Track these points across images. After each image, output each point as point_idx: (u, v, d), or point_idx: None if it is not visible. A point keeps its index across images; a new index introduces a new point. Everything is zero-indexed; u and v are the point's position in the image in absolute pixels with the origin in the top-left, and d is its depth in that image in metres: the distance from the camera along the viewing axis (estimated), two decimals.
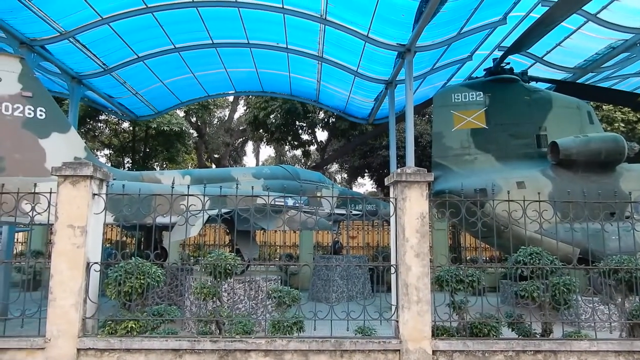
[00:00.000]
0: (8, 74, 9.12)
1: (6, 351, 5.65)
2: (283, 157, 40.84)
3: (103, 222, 6.41)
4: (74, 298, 5.75)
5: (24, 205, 6.54)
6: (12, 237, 11.75)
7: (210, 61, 15.89)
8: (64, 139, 9.65)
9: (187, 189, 6.35)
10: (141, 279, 6.00)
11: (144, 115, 19.69)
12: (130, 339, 5.75)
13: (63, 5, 11.08)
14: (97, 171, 6.15)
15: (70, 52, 12.97)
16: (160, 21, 12.89)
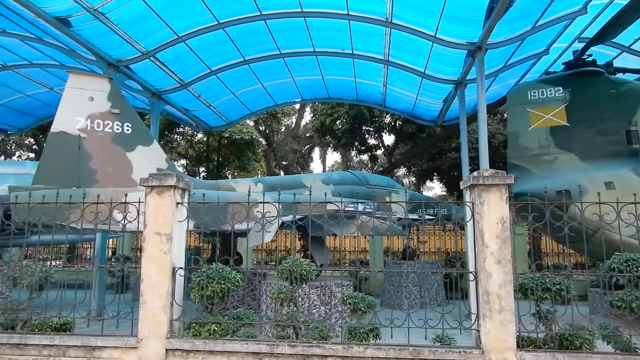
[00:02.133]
0: (99, 94, 9.94)
1: (104, 349, 6.13)
2: (350, 162, 40.90)
3: (186, 229, 6.77)
4: (162, 301, 6.12)
5: (116, 214, 7.06)
6: (105, 243, 12.77)
7: (278, 71, 16.33)
8: (148, 151, 10.34)
9: (263, 197, 6.54)
10: (222, 283, 6.26)
11: (217, 126, 20.63)
12: (214, 341, 6.01)
13: (144, 27, 11.91)
14: (180, 181, 6.52)
15: (151, 70, 13.90)
16: (231, 36, 13.46)
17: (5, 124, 21.06)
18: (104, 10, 10.64)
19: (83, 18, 10.75)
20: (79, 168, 9.39)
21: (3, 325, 6.69)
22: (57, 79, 16.97)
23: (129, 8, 10.90)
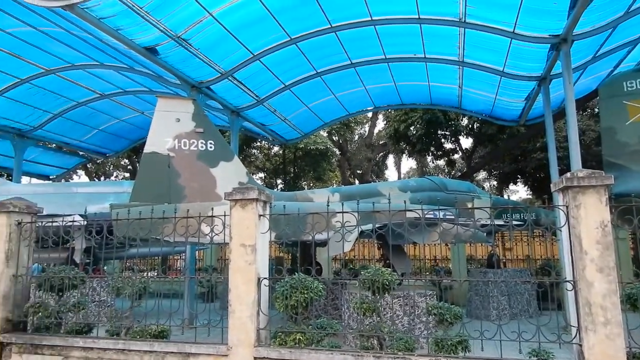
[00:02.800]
0: (184, 115, 10.62)
1: (198, 356, 6.47)
2: (426, 168, 39.94)
3: (268, 240, 6.98)
4: (249, 310, 6.33)
5: (204, 227, 7.45)
6: (194, 255, 13.55)
7: (350, 81, 16.44)
8: (229, 166, 10.84)
9: (342, 207, 6.57)
10: (305, 293, 6.34)
11: (292, 139, 21.17)
12: (299, 350, 6.10)
13: (222, 49, 12.59)
14: (261, 194, 6.74)
15: (229, 89, 14.63)
16: (303, 50, 13.80)
17: (104, 148, 23.22)
18: (186, 36, 11.40)
19: (168, 46, 11.60)
20: (169, 185, 10.06)
21: (109, 331, 7.30)
22: (146, 103, 18.45)
23: (208, 32, 11.59)
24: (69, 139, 20.99)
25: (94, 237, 7.58)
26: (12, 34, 12.93)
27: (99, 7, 9.64)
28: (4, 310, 7.44)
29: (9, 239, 7.63)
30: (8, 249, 7.60)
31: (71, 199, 13.19)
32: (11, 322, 7.50)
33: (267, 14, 11.55)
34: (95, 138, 21.65)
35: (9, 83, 15.55)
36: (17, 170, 18.98)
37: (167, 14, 10.49)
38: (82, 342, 6.98)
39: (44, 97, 17.01)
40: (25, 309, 7.59)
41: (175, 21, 10.84)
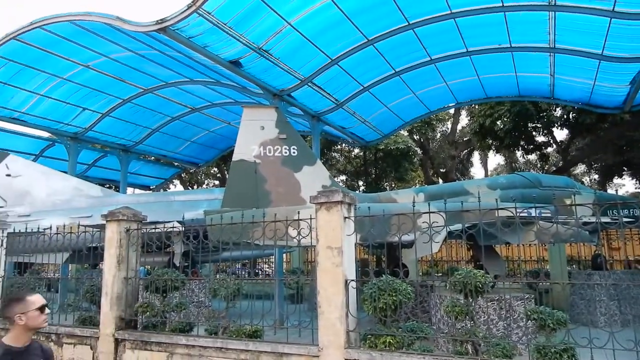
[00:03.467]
0: (268, 122, 11.01)
1: (291, 356, 6.64)
2: (515, 164, 37.64)
3: (354, 242, 6.99)
4: (338, 312, 6.38)
5: (291, 230, 7.64)
6: (282, 258, 13.99)
7: (430, 77, 16.03)
8: (312, 170, 11.03)
9: (428, 206, 6.39)
10: (393, 295, 6.25)
11: (372, 140, 21.08)
12: (390, 353, 6.02)
13: (301, 56, 12.90)
14: (346, 196, 6.77)
15: (309, 94, 14.94)
16: (380, 50, 13.71)
17: (196, 158, 24.84)
18: (267, 47, 11.85)
19: (250, 57, 12.14)
20: (257, 190, 10.48)
21: (208, 330, 7.76)
22: (232, 114, 19.43)
23: (287, 41, 11.96)
24: (166, 151, 22.75)
25: (191, 241, 8.11)
26: (115, 60, 14.33)
27: (188, 27, 10.36)
28: (117, 309, 8.21)
29: (119, 244, 8.42)
30: (119, 254, 8.39)
31: (170, 207, 14.23)
32: (124, 320, 8.25)
33: (344, 17, 11.65)
34: (188, 149, 23.24)
35: (114, 104, 17.23)
36: (123, 181, 20.94)
37: (248, 27, 10.99)
38: (185, 340, 7.49)
39: (143, 115, 18.63)
40: (135, 308, 8.31)
41: (257, 33, 11.31)
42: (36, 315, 3.07)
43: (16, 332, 3.04)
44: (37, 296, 3.15)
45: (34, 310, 3.05)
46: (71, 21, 11.94)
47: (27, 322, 3.03)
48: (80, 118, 17.41)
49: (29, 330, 3.08)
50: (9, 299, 3.20)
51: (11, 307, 3.05)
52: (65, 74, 14.84)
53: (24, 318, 3.01)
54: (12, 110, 15.85)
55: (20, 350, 3.02)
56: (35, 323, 3.08)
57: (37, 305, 3.09)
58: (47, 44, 13.15)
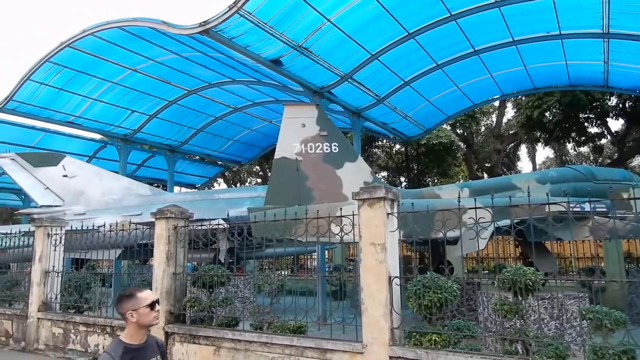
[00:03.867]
0: (309, 120, 11.05)
1: (335, 352, 6.65)
2: (565, 156, 36.02)
3: (398, 238, 6.90)
4: (382, 309, 6.32)
5: (333, 227, 7.65)
6: (324, 254, 14.04)
7: (473, 69, 15.59)
8: (354, 167, 10.99)
9: (474, 202, 6.21)
10: (438, 293, 6.12)
11: (414, 135, 20.75)
12: (436, 352, 5.91)
13: (341, 53, 12.86)
14: (389, 192, 6.69)
15: (349, 91, 14.87)
16: (421, 43, 13.45)
17: (239, 157, 25.34)
18: (307, 45, 11.88)
19: (291, 56, 12.21)
20: (299, 187, 10.55)
21: (253, 325, 7.89)
22: (273, 112, 19.67)
23: (327, 38, 11.94)
24: (210, 150, 23.34)
25: (235, 238, 8.28)
26: (161, 62, 14.82)
27: (229, 28, 10.55)
28: (167, 304, 8.50)
29: (168, 241, 8.71)
30: (168, 250, 8.68)
31: (214, 205, 14.59)
32: (173, 314, 8.54)
33: (383, 11, 11.50)
34: (231, 148, 23.74)
35: (161, 105, 17.84)
36: (170, 181, 21.66)
37: (288, 25, 11.06)
38: (231, 335, 7.66)
39: (188, 115, 19.18)
40: (183, 303, 8.58)
41: (296, 31, 11.37)
42: (147, 312, 2.98)
43: (130, 329, 3.00)
44: (147, 292, 3.08)
45: (145, 307, 2.98)
46: (120, 27, 12.44)
47: (138, 319, 2.96)
48: (129, 120, 18.15)
49: (142, 327, 3.01)
50: (120, 295, 3.08)
51: (122, 303, 3.01)
52: (114, 78, 15.50)
53: (135, 315, 2.95)
54: (67, 114, 16.72)
55: (138, 348, 2.99)
56: (147, 320, 3.00)
57: (148, 301, 3.00)
58: (98, 50, 13.77)
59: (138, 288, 3.11)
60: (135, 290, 3.09)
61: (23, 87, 14.63)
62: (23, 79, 14.38)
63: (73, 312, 10.16)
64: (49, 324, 10.28)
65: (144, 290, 3.10)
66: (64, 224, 11.13)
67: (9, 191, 25.78)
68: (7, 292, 11.86)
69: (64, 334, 9.95)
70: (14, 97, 14.86)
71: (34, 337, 10.37)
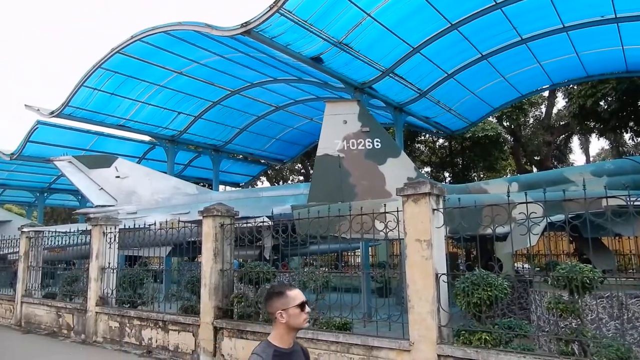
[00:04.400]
0: (351, 116, 11.02)
1: (381, 349, 6.60)
2: (622, 147, 34.00)
3: (444, 235, 6.75)
4: (429, 306, 6.21)
5: (377, 223, 7.57)
6: (367, 251, 13.95)
7: (520, 59, 15.01)
8: (397, 162, 10.86)
9: (525, 196, 5.97)
10: (488, 290, 5.94)
11: (458, 129, 20.25)
12: (486, 350, 5.74)
13: (381, 47, 12.70)
14: (434, 188, 6.55)
15: (391, 85, 14.67)
16: (465, 34, 13.07)
17: (281, 155, 25.62)
18: (347, 40, 11.82)
19: (331, 52, 12.19)
20: (341, 184, 10.54)
21: None
22: (314, 110, 19.73)
23: (367, 33, 11.83)
24: (253, 149, 23.73)
25: (280, 235, 8.37)
26: (204, 64, 15.21)
27: (270, 27, 10.66)
28: (215, 299, 8.73)
29: (215, 238, 8.93)
30: (215, 247, 8.90)
31: (258, 203, 14.85)
32: (221, 310, 8.75)
33: (425, 3, 11.27)
34: (273, 146, 24.04)
35: (205, 106, 18.31)
36: (215, 180, 22.20)
37: (328, 22, 11.04)
38: None
39: (231, 115, 19.58)
40: (231, 299, 8.78)
41: (336, 28, 11.33)
42: (297, 313, 2.64)
43: (279, 330, 2.66)
44: (297, 291, 2.74)
45: (295, 307, 2.64)
46: (165, 32, 12.85)
47: (288, 320, 2.63)
48: (176, 122, 18.74)
49: (292, 329, 2.67)
50: (269, 292, 2.79)
51: (272, 301, 2.71)
52: (161, 81, 16.05)
53: (285, 315, 2.62)
54: (119, 117, 17.47)
55: (287, 352, 2.68)
56: (297, 322, 2.65)
57: (298, 301, 2.66)
58: (145, 55, 14.29)
59: (287, 285, 2.79)
60: (285, 287, 2.77)
61: (78, 93, 15.40)
62: (77, 85, 15.14)
63: (128, 307, 10.61)
64: (106, 318, 10.80)
65: (293, 288, 2.76)
66: (117, 222, 11.65)
67: (67, 192, 27.31)
68: (67, 287, 12.55)
69: (120, 327, 10.43)
70: (69, 103, 15.67)
71: (93, 330, 10.93)
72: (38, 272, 13.64)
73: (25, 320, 13.26)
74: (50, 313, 12.49)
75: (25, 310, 13.36)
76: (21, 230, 13.98)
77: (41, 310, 12.84)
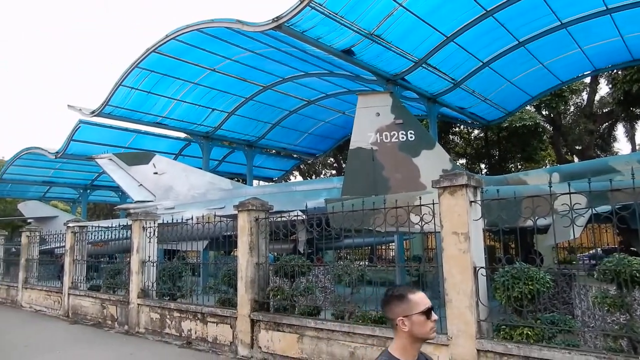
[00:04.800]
0: (383, 109, 10.90)
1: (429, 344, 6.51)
2: None
3: (482, 227, 6.59)
4: (467, 300, 6.08)
5: (412, 216, 7.47)
6: (402, 244, 13.83)
7: (560, 45, 14.44)
8: (431, 154, 10.68)
9: (568, 187, 5.74)
10: (529, 284, 5.77)
11: (495, 119, 19.71)
12: (528, 346, 5.57)
13: (414, 38, 12.47)
14: (471, 179, 6.40)
15: (424, 76, 14.41)
16: (501, 20, 12.68)
17: (314, 149, 25.67)
18: (378, 32, 11.68)
19: (362, 45, 12.07)
20: (375, 177, 10.46)
21: (334, 315, 7.97)
22: (346, 103, 19.64)
23: (399, 24, 11.65)
24: (285, 144, 23.88)
25: (315, 229, 8.38)
26: (237, 61, 15.37)
27: (301, 21, 10.65)
28: (251, 292, 8.85)
29: (250, 232, 9.04)
30: (250, 241, 9.01)
31: (292, 197, 14.93)
32: (258, 302, 8.87)
33: None
34: (306, 141, 24.10)
35: (238, 102, 18.53)
36: (249, 175, 22.49)
37: (359, 14, 10.92)
38: (314, 323, 7.80)
39: (264, 111, 19.75)
40: (267, 292, 8.88)
41: (368, 19, 11.20)
42: (422, 322, 2.26)
43: (402, 341, 2.29)
44: (421, 295, 2.34)
45: (419, 314, 2.26)
46: (198, 29, 13.05)
47: (411, 329, 2.25)
48: (210, 118, 19.06)
49: (416, 340, 2.28)
50: (389, 294, 2.40)
51: (392, 306, 2.34)
52: (195, 79, 16.34)
53: (408, 323, 2.25)
54: (155, 115, 17.92)
55: None
56: (422, 332, 2.26)
57: (422, 307, 2.28)
58: (179, 53, 14.58)
59: (409, 287, 2.42)
60: (406, 290, 2.38)
61: (116, 93, 15.88)
62: (116, 84, 15.61)
63: (167, 299, 10.92)
64: (147, 310, 11.16)
65: (416, 291, 2.36)
66: (156, 217, 11.98)
67: (108, 189, 28.32)
68: (110, 280, 13.03)
69: (161, 319, 10.75)
70: (109, 102, 16.18)
71: (135, 321, 11.32)
72: (83, 265, 14.21)
73: (72, 311, 13.87)
74: (95, 304, 13.02)
75: (72, 301, 13.97)
76: (67, 226, 14.59)
77: (87, 302, 13.40)
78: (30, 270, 16.83)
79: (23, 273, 16.78)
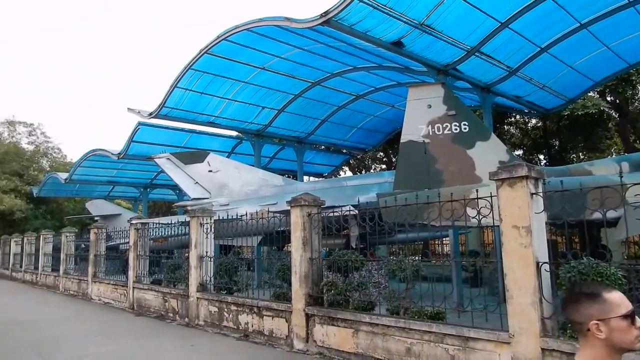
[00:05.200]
0: (435, 100, 10.61)
1: (478, 341, 6.33)
2: None
3: (544, 220, 6.28)
4: (530, 297, 5.82)
5: (469, 210, 7.25)
6: (457, 239, 13.46)
7: (628, 24, 13.43)
8: (487, 146, 10.29)
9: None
10: (599, 281, 5.43)
11: (554, 107, 18.72)
12: None
13: (465, 25, 12.05)
14: (532, 170, 6.11)
15: (477, 65, 13.89)
16: (560, 2, 11.99)
17: (363, 143, 25.51)
18: (428, 22, 11.39)
19: (412, 35, 11.82)
20: (428, 171, 10.23)
21: (389, 310, 7.90)
22: (395, 96, 19.34)
23: (450, 12, 11.29)
24: (334, 139, 23.89)
25: (367, 224, 8.33)
26: (285, 58, 15.53)
27: (349, 15, 10.57)
28: (306, 287, 8.94)
29: (303, 227, 9.13)
30: (304, 236, 9.10)
31: (343, 192, 14.93)
32: (312, 297, 8.95)
33: None
34: (355, 136, 24.00)
35: (288, 99, 18.74)
36: (299, 171, 22.71)
37: (408, 4, 10.69)
38: (368, 318, 7.76)
39: (313, 107, 19.84)
40: (321, 286, 8.94)
41: (417, 9, 10.94)
42: (624, 327, 1.85)
43: (595, 350, 1.89)
44: (619, 295, 1.93)
45: (619, 319, 1.85)
46: (248, 29, 13.29)
47: (609, 336, 1.85)
48: (260, 116, 19.41)
49: (616, 350, 1.88)
50: (576, 292, 2.00)
51: (581, 306, 1.93)
52: (246, 78, 16.68)
53: (604, 329, 1.85)
54: (208, 115, 18.48)
55: None
56: (624, 340, 1.86)
57: (623, 310, 1.87)
58: (230, 53, 14.93)
59: (602, 286, 2.04)
60: (600, 288, 1.97)
61: (172, 95, 16.52)
62: (171, 86, 16.23)
63: (225, 293, 11.25)
64: (206, 303, 11.56)
65: (611, 290, 1.96)
66: (212, 214, 12.37)
67: (166, 187, 29.59)
68: (171, 274, 13.61)
69: (219, 312, 11.10)
70: (165, 104, 16.86)
71: (195, 314, 11.76)
72: (146, 260, 14.94)
73: (137, 304, 14.63)
74: (158, 298, 13.65)
75: (136, 295, 14.73)
76: (130, 223, 15.39)
77: (150, 295, 14.08)
78: (98, 265, 17.91)
79: (92, 268, 17.89)
